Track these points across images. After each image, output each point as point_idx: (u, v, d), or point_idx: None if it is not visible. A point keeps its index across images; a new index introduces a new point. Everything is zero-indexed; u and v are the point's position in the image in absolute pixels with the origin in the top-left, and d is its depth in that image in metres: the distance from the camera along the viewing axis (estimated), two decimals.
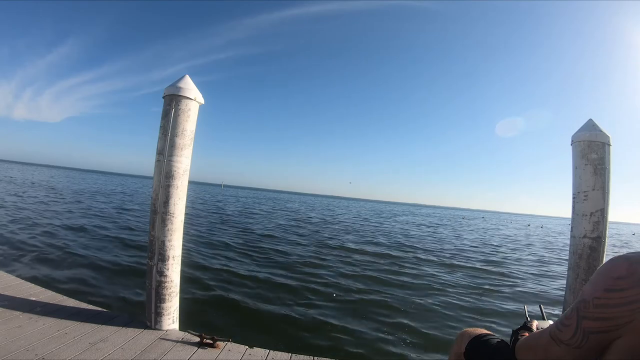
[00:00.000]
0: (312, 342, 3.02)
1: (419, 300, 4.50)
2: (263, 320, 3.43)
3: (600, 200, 2.05)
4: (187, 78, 2.19)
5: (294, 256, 6.83)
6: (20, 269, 4.21)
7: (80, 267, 4.68)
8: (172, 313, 2.14)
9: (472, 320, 3.97)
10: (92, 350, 1.73)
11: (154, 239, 2.10)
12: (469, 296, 4.98)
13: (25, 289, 2.45)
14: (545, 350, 0.66)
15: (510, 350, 0.81)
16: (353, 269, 6.07)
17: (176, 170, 2.11)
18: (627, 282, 0.54)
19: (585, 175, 2.09)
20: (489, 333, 0.97)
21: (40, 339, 1.77)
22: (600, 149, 2.08)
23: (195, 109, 2.20)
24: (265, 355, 1.90)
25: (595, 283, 0.59)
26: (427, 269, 6.68)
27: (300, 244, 8.60)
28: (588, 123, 2.16)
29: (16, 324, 1.91)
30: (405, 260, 7.41)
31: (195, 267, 5.18)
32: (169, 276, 2.10)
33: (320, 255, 7.21)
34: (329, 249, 8.10)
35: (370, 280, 5.37)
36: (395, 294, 4.76)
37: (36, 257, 4.92)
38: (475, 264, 7.78)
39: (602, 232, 2.05)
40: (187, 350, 1.84)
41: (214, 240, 7.77)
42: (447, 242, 12.34)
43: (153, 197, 2.14)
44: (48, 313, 2.10)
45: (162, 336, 1.98)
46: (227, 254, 6.45)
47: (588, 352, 0.59)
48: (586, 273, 2.03)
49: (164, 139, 2.10)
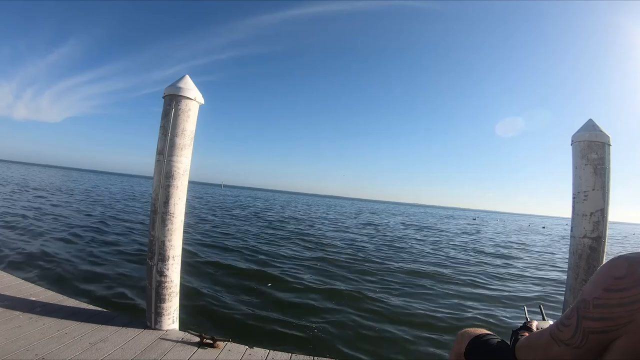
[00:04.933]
0: (312, 342, 3.02)
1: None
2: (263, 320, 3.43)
3: (600, 200, 2.05)
4: (187, 78, 2.19)
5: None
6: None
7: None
8: (172, 313, 2.13)
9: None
10: (92, 350, 1.72)
11: (154, 239, 2.10)
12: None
13: (25, 289, 2.45)
14: (545, 350, 0.66)
15: (510, 350, 0.81)
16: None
17: (176, 170, 2.11)
18: (627, 282, 0.54)
19: (585, 175, 2.09)
20: (489, 333, 0.97)
21: (40, 339, 1.77)
22: (600, 149, 2.08)
23: (195, 109, 2.20)
24: (265, 355, 1.90)
25: (595, 283, 0.59)
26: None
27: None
28: (588, 123, 2.16)
29: (16, 324, 1.91)
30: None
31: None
32: (169, 276, 2.10)
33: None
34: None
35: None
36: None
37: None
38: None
39: (602, 232, 2.05)
40: (187, 350, 1.84)
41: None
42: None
43: (153, 197, 2.14)
44: (48, 313, 2.10)
45: (162, 336, 1.98)
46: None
47: (588, 352, 0.59)
48: (586, 273, 2.02)
49: (164, 139, 2.10)
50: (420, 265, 7.08)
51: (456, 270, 6.89)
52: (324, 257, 6.91)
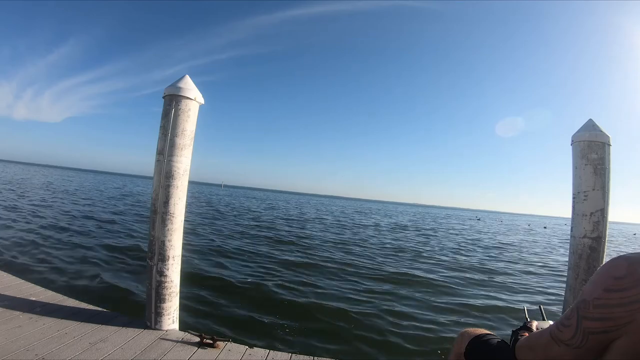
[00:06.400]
0: (312, 342, 3.02)
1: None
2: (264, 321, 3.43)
3: (600, 200, 2.05)
4: (187, 78, 2.19)
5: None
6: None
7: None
8: (172, 313, 2.13)
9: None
10: (92, 350, 1.72)
11: (154, 239, 2.10)
12: None
13: (25, 289, 2.45)
14: (545, 350, 0.66)
15: (510, 350, 0.81)
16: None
17: (176, 170, 2.11)
18: (627, 282, 0.54)
19: (585, 175, 2.09)
20: (489, 333, 0.97)
21: (40, 339, 1.77)
22: (600, 149, 2.08)
23: (195, 109, 2.20)
24: (265, 355, 1.90)
25: (595, 283, 0.59)
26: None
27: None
28: (588, 123, 2.16)
29: (16, 324, 1.91)
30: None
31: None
32: (169, 276, 2.10)
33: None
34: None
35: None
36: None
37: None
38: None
39: (602, 232, 2.05)
40: (187, 350, 1.84)
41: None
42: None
43: (153, 197, 2.13)
44: (48, 313, 2.09)
45: (162, 336, 1.98)
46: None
47: (588, 352, 0.59)
48: (586, 273, 2.02)
49: (164, 139, 2.10)
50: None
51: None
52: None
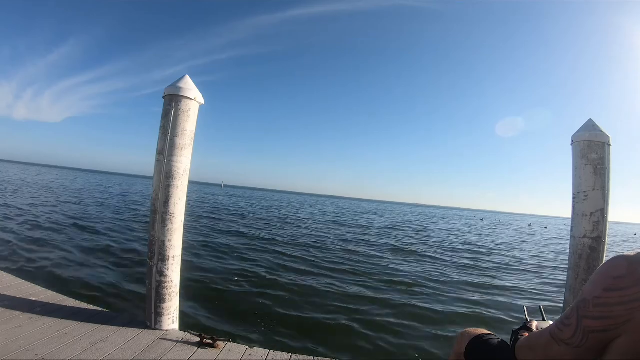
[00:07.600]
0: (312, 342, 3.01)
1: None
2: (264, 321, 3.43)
3: (600, 200, 2.05)
4: (187, 78, 2.19)
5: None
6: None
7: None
8: (172, 313, 2.13)
9: None
10: (92, 350, 1.72)
11: (154, 239, 2.10)
12: None
13: (25, 289, 2.45)
14: (545, 350, 0.66)
15: (510, 350, 0.81)
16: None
17: (176, 170, 2.11)
18: (627, 281, 0.54)
19: (585, 175, 2.09)
20: (490, 333, 0.98)
21: (40, 339, 1.77)
22: (600, 149, 2.08)
23: (195, 109, 2.20)
24: (265, 355, 1.90)
25: (595, 282, 0.59)
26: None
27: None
28: (588, 123, 2.16)
29: (16, 324, 1.91)
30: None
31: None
32: (169, 276, 2.10)
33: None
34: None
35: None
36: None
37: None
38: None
39: (602, 232, 2.04)
40: (187, 350, 1.84)
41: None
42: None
43: (153, 197, 2.13)
44: (48, 313, 2.09)
45: (162, 336, 1.98)
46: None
47: (588, 351, 0.59)
48: (586, 273, 2.02)
49: (164, 139, 2.10)
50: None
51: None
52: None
